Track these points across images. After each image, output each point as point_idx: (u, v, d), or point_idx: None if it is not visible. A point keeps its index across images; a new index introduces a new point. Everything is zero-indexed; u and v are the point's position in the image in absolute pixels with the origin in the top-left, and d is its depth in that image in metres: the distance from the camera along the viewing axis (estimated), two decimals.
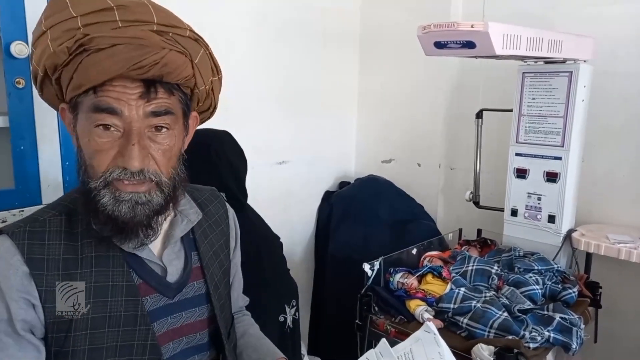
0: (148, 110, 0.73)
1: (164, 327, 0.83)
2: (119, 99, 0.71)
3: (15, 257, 0.72)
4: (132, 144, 0.71)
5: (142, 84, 0.72)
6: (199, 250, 0.89)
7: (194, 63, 0.76)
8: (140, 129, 0.72)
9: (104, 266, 0.78)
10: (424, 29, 1.26)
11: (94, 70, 0.69)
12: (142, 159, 0.72)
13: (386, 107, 2.17)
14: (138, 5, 0.72)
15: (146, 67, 0.70)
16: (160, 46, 0.71)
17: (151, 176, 0.74)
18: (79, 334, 0.75)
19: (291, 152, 2.01)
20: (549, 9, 1.72)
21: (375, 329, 1.36)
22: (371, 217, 1.98)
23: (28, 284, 0.72)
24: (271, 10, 1.82)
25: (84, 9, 0.70)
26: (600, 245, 1.44)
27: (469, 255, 1.52)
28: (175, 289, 0.84)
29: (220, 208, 0.98)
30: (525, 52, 1.26)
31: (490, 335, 1.19)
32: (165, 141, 0.76)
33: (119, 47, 0.69)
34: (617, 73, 1.60)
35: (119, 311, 0.77)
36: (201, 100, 0.85)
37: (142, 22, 0.72)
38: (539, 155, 1.55)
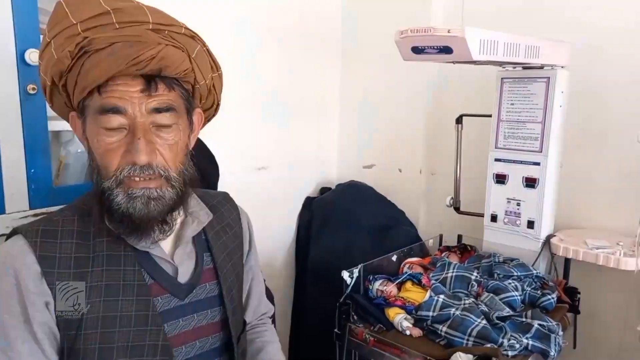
0: (150, 106, 0.75)
1: (176, 329, 0.83)
2: (122, 98, 0.74)
3: (29, 256, 0.74)
4: (138, 138, 0.74)
5: (143, 80, 0.75)
6: (211, 252, 0.90)
7: (192, 57, 0.79)
8: (145, 124, 0.75)
9: (115, 265, 0.79)
10: (402, 34, 1.25)
11: (95, 71, 0.72)
12: (149, 153, 0.74)
13: (367, 112, 2.16)
14: (133, 8, 0.76)
15: (144, 62, 0.73)
16: (156, 42, 0.74)
17: (160, 171, 0.76)
18: (89, 332, 0.75)
19: (271, 158, 1.98)
20: (527, 14, 1.73)
21: (355, 338, 1.34)
22: (352, 223, 1.96)
23: (40, 284, 0.73)
24: (251, 16, 1.79)
25: (82, 15, 0.73)
26: (578, 251, 1.44)
27: (449, 262, 1.51)
28: (186, 290, 0.85)
29: (233, 211, 1.01)
30: (503, 57, 1.26)
31: (469, 343, 1.18)
32: (170, 136, 0.78)
33: (117, 45, 0.72)
34: (595, 77, 1.61)
35: (130, 310, 0.78)
36: (204, 96, 0.87)
37: (138, 23, 0.75)
38: (518, 161, 1.55)
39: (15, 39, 1.04)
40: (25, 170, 1.08)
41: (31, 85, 1.07)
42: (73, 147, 1.20)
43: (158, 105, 0.76)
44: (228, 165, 1.73)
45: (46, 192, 1.12)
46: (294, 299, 2.12)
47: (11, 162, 1.06)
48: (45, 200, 1.12)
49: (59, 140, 1.24)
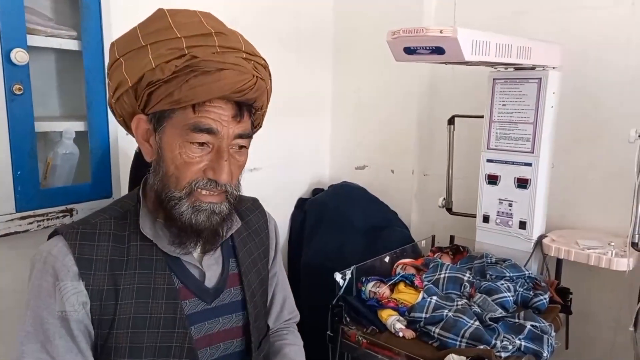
0: (237, 132, 0.81)
1: (202, 331, 0.86)
2: (217, 120, 0.79)
3: (68, 257, 0.77)
4: (225, 160, 0.80)
5: (235, 107, 0.81)
6: (237, 257, 0.94)
7: (268, 90, 0.87)
8: (230, 147, 0.81)
9: (147, 269, 0.82)
10: (394, 34, 1.24)
11: (200, 90, 0.76)
12: (230, 173, 0.81)
13: (360, 112, 2.16)
14: (231, 34, 0.82)
15: (245, 91, 0.79)
16: (252, 73, 0.80)
17: (227, 187, 0.82)
18: (121, 331, 0.79)
19: (263, 159, 1.96)
20: (519, 14, 1.73)
21: (347, 340, 1.33)
22: (345, 224, 1.95)
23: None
24: (241, 14, 1.78)
25: (187, 31, 0.77)
26: (570, 251, 1.44)
27: (442, 263, 1.50)
28: (213, 294, 0.88)
29: (261, 218, 1.05)
30: (495, 58, 1.26)
31: (462, 345, 1.17)
32: (242, 158, 0.85)
33: (225, 72, 0.77)
34: (586, 78, 1.62)
35: (159, 313, 0.81)
36: (258, 119, 0.93)
37: (235, 50, 0.80)
38: (510, 162, 1.55)
39: (0, 38, 1.01)
40: (12, 172, 1.06)
41: (17, 85, 1.04)
42: (61, 149, 1.18)
43: (242, 132, 0.82)
44: None
45: (33, 195, 1.10)
46: None
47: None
48: (32, 203, 1.10)
49: (47, 142, 1.22)
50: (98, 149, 1.21)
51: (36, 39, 1.09)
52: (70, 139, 1.18)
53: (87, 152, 1.21)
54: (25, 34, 1.06)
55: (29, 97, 1.07)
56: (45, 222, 1.12)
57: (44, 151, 1.20)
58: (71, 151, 1.19)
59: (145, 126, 0.83)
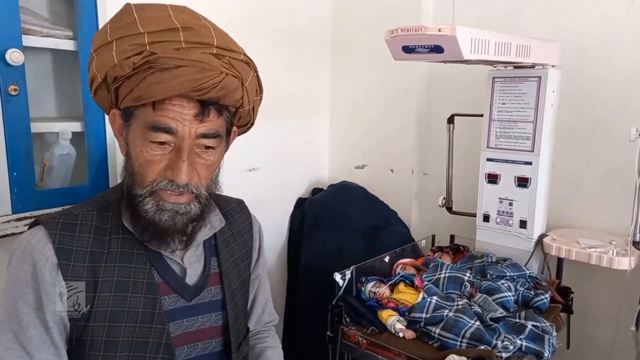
0: (200, 131, 0.78)
1: (180, 329, 0.85)
2: (176, 119, 0.76)
3: (47, 247, 0.76)
4: (183, 160, 0.77)
5: (198, 105, 0.77)
6: (219, 257, 0.93)
7: (245, 86, 0.82)
8: (191, 147, 0.78)
9: (127, 262, 0.81)
10: (392, 33, 1.23)
11: (157, 88, 0.74)
12: (189, 173, 0.78)
13: (359, 112, 2.15)
14: (202, 28, 0.77)
15: (206, 89, 0.75)
16: (219, 70, 0.77)
17: (193, 189, 0.79)
18: (97, 324, 0.77)
19: (262, 159, 1.96)
20: (518, 13, 1.72)
21: (347, 341, 1.32)
22: (344, 224, 1.94)
23: (56, 275, 0.76)
24: (238, 14, 1.77)
25: (152, 27, 0.75)
26: (571, 250, 1.44)
27: (442, 263, 1.49)
28: (193, 291, 0.87)
29: (246, 219, 1.03)
30: (494, 56, 1.25)
31: (463, 345, 1.17)
32: (210, 158, 0.81)
33: (183, 69, 0.74)
34: (584, 77, 1.61)
35: (138, 307, 0.80)
36: (243, 117, 0.90)
37: (203, 45, 0.76)
38: (510, 160, 1.54)
39: None
40: (8, 174, 1.06)
41: (12, 86, 1.04)
42: (57, 150, 1.17)
43: (207, 131, 0.79)
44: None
45: (29, 196, 1.10)
46: (286, 300, 2.10)
47: None
48: (29, 204, 1.10)
49: (43, 143, 1.21)
50: (95, 150, 1.21)
51: (32, 39, 1.09)
52: (66, 140, 1.18)
53: (84, 153, 1.20)
54: (21, 34, 1.05)
55: (25, 98, 1.06)
56: None
57: (40, 152, 1.19)
58: (68, 152, 1.19)
59: (119, 121, 0.82)
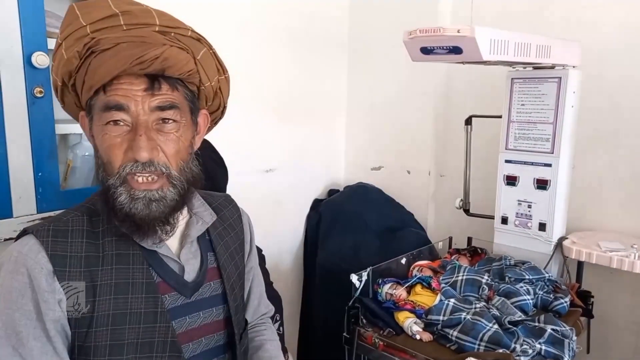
0: (153, 104, 0.76)
1: (183, 326, 0.85)
2: (126, 96, 0.75)
3: (41, 254, 0.75)
4: (139, 135, 0.75)
5: (147, 80, 0.76)
6: (215, 251, 0.92)
7: (197, 59, 0.80)
8: (147, 122, 0.76)
9: (124, 264, 0.80)
10: (410, 34, 1.23)
11: (100, 70, 0.74)
12: (150, 149, 0.75)
13: (375, 113, 2.15)
14: (141, 11, 0.77)
15: (147, 62, 0.74)
16: (161, 42, 0.76)
17: (161, 168, 0.77)
18: (100, 329, 0.76)
19: (279, 160, 1.97)
20: (536, 14, 1.70)
21: (364, 342, 1.32)
22: (360, 225, 1.94)
23: (52, 282, 0.74)
24: (257, 16, 1.79)
25: (92, 17, 0.75)
26: (591, 254, 1.41)
27: (459, 265, 1.48)
28: (192, 288, 0.86)
29: (235, 212, 1.02)
30: (513, 57, 1.24)
31: (481, 348, 1.16)
32: (171, 132, 0.79)
33: (122, 45, 0.74)
34: (605, 77, 1.59)
35: (139, 308, 0.79)
36: (209, 98, 0.88)
37: (145, 25, 0.76)
38: (529, 162, 1.53)
39: (22, 42, 1.04)
40: (33, 174, 1.08)
41: (38, 88, 1.06)
42: (80, 150, 1.20)
43: (160, 104, 0.77)
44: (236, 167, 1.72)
45: (53, 196, 1.12)
46: (302, 301, 2.11)
47: (18, 165, 1.05)
48: (53, 204, 1.12)
49: (66, 144, 1.24)
50: None
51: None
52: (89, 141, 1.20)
53: None
54: (46, 37, 1.08)
55: (50, 100, 1.09)
56: None
57: (64, 153, 1.22)
58: (90, 153, 1.21)
59: (86, 120, 0.82)
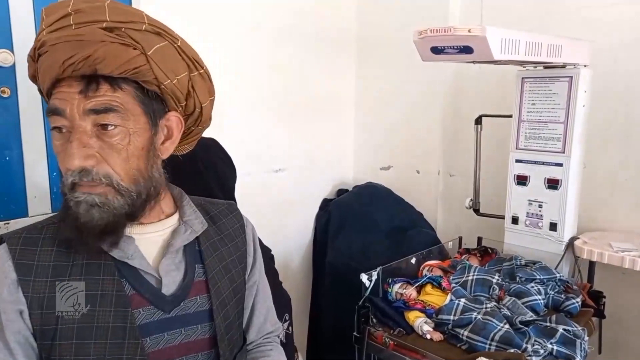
0: (87, 107, 0.70)
1: (160, 343, 0.78)
2: (64, 99, 0.70)
3: (7, 263, 0.72)
4: (71, 142, 0.69)
5: (83, 82, 0.70)
6: (204, 263, 0.85)
7: (148, 55, 0.72)
8: (82, 127, 0.70)
9: (94, 274, 0.75)
10: (421, 34, 1.23)
11: (42, 74, 0.72)
12: (83, 157, 0.69)
13: (384, 113, 2.15)
14: (93, 8, 0.72)
15: (77, 63, 0.69)
16: (99, 40, 0.70)
17: (101, 178, 0.71)
18: (65, 342, 0.72)
19: (288, 159, 1.98)
20: (547, 13, 1.69)
21: (374, 342, 1.32)
22: (370, 225, 1.94)
23: (15, 292, 0.72)
24: (266, 16, 1.80)
25: (50, 19, 0.72)
26: (603, 254, 1.41)
27: (469, 265, 1.48)
28: (171, 302, 0.80)
29: (236, 222, 0.95)
30: (524, 57, 1.24)
31: (492, 348, 1.16)
32: (115, 139, 0.71)
33: (57, 46, 0.69)
34: (617, 76, 1.58)
35: (107, 322, 0.74)
36: (179, 99, 0.79)
37: (92, 22, 0.71)
38: (540, 162, 1.52)
39: None
40: (48, 174, 1.10)
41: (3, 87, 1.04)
42: None
43: (95, 106, 0.70)
44: (246, 167, 1.74)
45: None
46: (312, 301, 2.11)
47: (33, 165, 1.07)
48: None
49: None
50: None
51: None
52: None
53: None
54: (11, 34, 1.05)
55: None
56: None
57: None
58: None
59: None
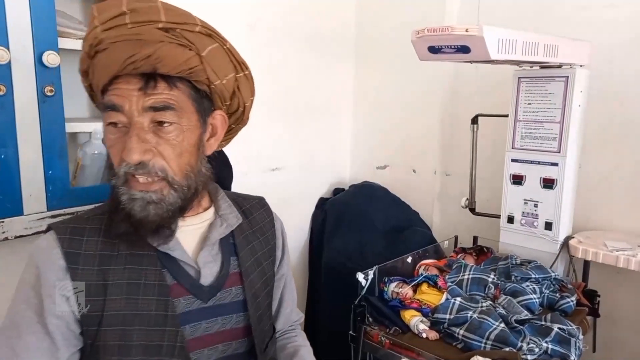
0: (147, 104, 0.74)
1: (198, 331, 0.82)
2: (121, 96, 0.74)
3: (55, 251, 0.76)
4: (130, 137, 0.73)
5: (142, 79, 0.74)
6: (238, 256, 0.89)
7: (201, 56, 0.77)
8: (141, 123, 0.74)
9: (137, 264, 0.79)
10: (418, 33, 1.24)
11: (100, 70, 0.75)
12: (142, 152, 0.73)
13: (381, 112, 2.15)
14: (148, 8, 0.76)
15: (139, 61, 0.72)
16: (157, 40, 0.74)
17: (157, 172, 0.75)
18: (109, 329, 0.75)
19: (284, 159, 1.98)
20: (544, 13, 1.70)
21: (370, 341, 1.32)
22: (366, 224, 1.95)
23: (63, 278, 0.75)
24: (264, 15, 1.79)
25: (104, 17, 0.75)
26: (598, 253, 1.41)
27: (465, 264, 1.49)
28: (209, 292, 0.84)
29: (267, 216, 1.00)
30: (521, 56, 1.24)
31: (487, 347, 1.16)
32: (170, 135, 0.76)
33: (117, 44, 0.73)
34: (613, 77, 1.58)
35: (149, 310, 0.78)
36: (225, 98, 0.84)
37: (149, 22, 0.74)
38: (535, 162, 1.53)
39: (33, 41, 1.04)
40: (43, 172, 1.09)
41: (48, 87, 1.07)
42: (90, 149, 1.21)
43: (154, 104, 0.74)
44: (242, 166, 1.73)
45: (63, 194, 1.13)
46: (308, 299, 2.11)
47: (29, 163, 1.06)
48: (63, 202, 1.13)
49: (76, 142, 1.25)
50: None
51: (67, 41, 1.12)
52: (99, 140, 1.21)
53: None
54: (57, 37, 1.08)
55: (60, 99, 1.10)
56: None
57: (74, 151, 1.23)
58: (100, 151, 1.22)
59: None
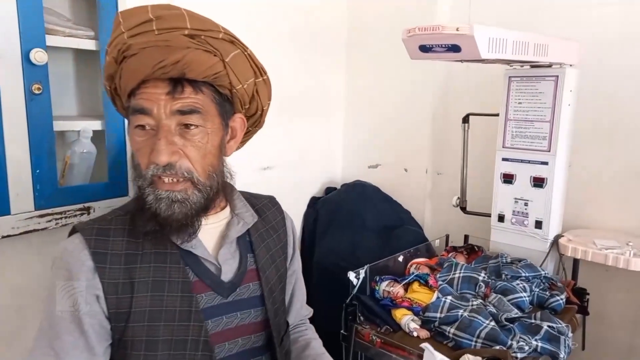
0: (175, 108, 0.78)
1: (220, 325, 0.86)
2: (150, 99, 0.78)
3: (83, 252, 0.79)
4: (159, 139, 0.77)
5: (170, 83, 0.78)
6: (255, 253, 0.94)
7: (225, 62, 0.81)
8: (168, 126, 0.78)
9: (161, 262, 0.83)
10: (409, 32, 1.24)
11: (128, 75, 0.78)
12: (170, 153, 0.77)
13: (373, 111, 2.15)
14: (174, 15, 0.79)
15: (168, 67, 0.76)
16: (185, 46, 0.77)
17: (184, 172, 0.79)
18: (137, 325, 0.79)
19: (276, 158, 1.97)
20: (535, 12, 1.71)
21: (361, 340, 1.32)
22: (358, 223, 1.95)
23: (92, 278, 0.78)
24: (254, 13, 1.78)
25: (130, 24, 0.78)
26: (587, 251, 1.42)
27: (456, 262, 1.49)
28: (229, 288, 0.88)
29: (278, 215, 1.04)
30: (512, 56, 1.24)
31: (478, 345, 1.17)
32: (195, 138, 0.80)
33: (147, 49, 0.77)
34: (603, 76, 1.59)
35: (174, 306, 0.82)
36: (245, 102, 0.88)
37: (175, 29, 0.78)
38: (526, 160, 1.53)
39: (20, 39, 1.03)
40: (31, 171, 1.07)
41: (36, 85, 1.06)
42: (78, 147, 1.19)
43: (181, 108, 0.78)
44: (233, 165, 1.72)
45: (51, 193, 1.12)
46: None
47: (16, 162, 1.05)
48: (51, 201, 1.12)
49: (64, 141, 1.23)
50: (115, 148, 1.23)
51: (55, 39, 1.11)
52: (87, 138, 1.20)
53: (104, 151, 1.23)
54: (44, 34, 1.07)
55: (48, 97, 1.08)
56: (64, 220, 1.14)
57: (62, 150, 1.21)
58: (88, 150, 1.21)
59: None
